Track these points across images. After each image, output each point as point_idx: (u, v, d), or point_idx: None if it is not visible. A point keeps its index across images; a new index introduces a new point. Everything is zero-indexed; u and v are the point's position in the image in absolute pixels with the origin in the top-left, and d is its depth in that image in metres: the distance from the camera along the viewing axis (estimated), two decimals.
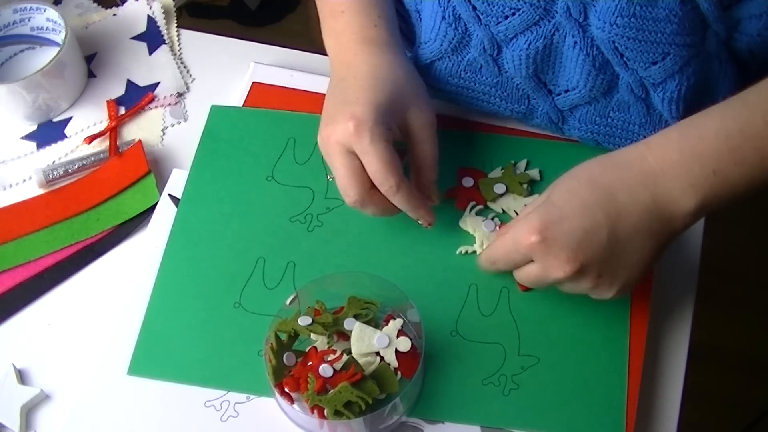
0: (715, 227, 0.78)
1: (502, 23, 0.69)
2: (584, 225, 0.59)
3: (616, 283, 0.61)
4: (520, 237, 0.60)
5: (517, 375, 0.66)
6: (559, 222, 0.59)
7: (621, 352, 0.67)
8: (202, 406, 0.67)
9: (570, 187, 0.60)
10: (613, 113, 0.73)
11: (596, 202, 0.59)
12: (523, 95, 0.75)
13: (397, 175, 0.65)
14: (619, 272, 0.61)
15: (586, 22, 0.67)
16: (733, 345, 1.53)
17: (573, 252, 0.59)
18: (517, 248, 0.61)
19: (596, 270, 0.60)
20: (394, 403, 0.62)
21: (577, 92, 0.72)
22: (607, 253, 0.59)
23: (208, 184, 0.77)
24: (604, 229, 0.59)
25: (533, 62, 0.70)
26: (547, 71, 0.72)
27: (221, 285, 0.72)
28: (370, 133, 0.64)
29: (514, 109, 0.76)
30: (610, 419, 0.64)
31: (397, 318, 0.65)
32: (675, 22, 0.64)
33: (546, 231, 0.59)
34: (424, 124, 0.68)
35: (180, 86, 0.86)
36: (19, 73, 0.85)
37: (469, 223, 0.72)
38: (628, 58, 0.67)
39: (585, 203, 0.59)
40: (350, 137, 0.64)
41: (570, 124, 0.75)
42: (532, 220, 0.59)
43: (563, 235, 0.59)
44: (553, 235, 0.59)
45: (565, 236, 0.59)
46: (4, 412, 0.67)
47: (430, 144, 0.69)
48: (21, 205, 0.78)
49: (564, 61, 0.70)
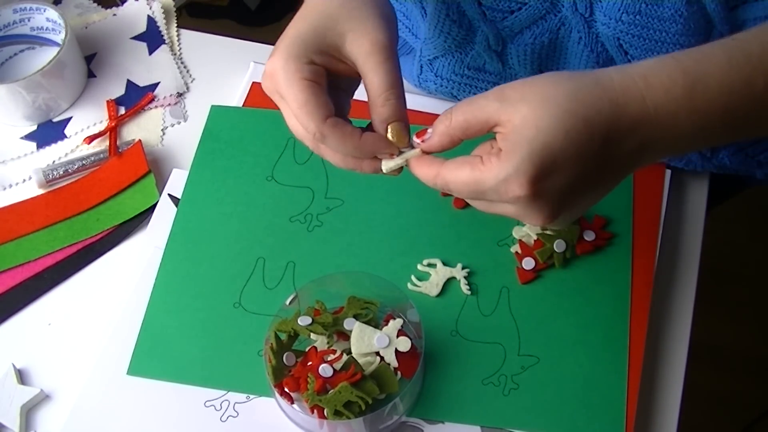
0: (715, 227, 0.78)
1: (508, 18, 0.68)
2: (575, 177, 0.52)
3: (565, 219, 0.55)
4: (507, 186, 0.51)
5: (517, 375, 0.66)
6: (552, 174, 0.51)
7: (621, 352, 0.67)
8: (202, 406, 0.67)
9: (567, 129, 0.51)
10: None
11: (591, 149, 0.51)
12: None
13: (316, 119, 0.54)
14: (576, 211, 0.55)
15: (592, 17, 0.67)
16: (733, 345, 1.53)
17: (557, 205, 0.53)
18: (500, 195, 0.52)
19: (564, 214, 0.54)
20: (394, 403, 0.62)
21: None
22: (581, 200, 0.54)
23: (208, 183, 0.77)
24: (590, 180, 0.53)
25: (538, 57, 0.70)
26: (552, 67, 0.71)
27: (221, 285, 0.72)
28: (283, 74, 0.55)
29: None
30: (610, 419, 0.64)
31: (397, 318, 0.65)
32: (680, 22, 0.64)
33: (538, 184, 0.51)
34: (367, 51, 0.56)
35: (180, 86, 0.86)
36: (19, 73, 0.85)
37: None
38: (632, 56, 0.67)
39: (581, 152, 0.51)
40: (267, 84, 0.58)
41: None
42: (527, 171, 0.51)
43: (553, 189, 0.52)
44: (543, 188, 0.51)
45: (555, 190, 0.52)
46: (4, 412, 0.67)
47: (377, 74, 0.56)
48: (21, 205, 0.78)
49: (568, 57, 0.70)
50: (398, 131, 0.56)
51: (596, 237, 0.71)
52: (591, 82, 0.52)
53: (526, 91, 0.51)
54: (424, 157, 0.55)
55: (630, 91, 0.51)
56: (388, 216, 0.74)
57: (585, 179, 0.52)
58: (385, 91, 0.56)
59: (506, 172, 0.51)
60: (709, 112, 0.52)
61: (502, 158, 0.51)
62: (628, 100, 0.51)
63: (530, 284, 0.70)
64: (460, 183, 0.53)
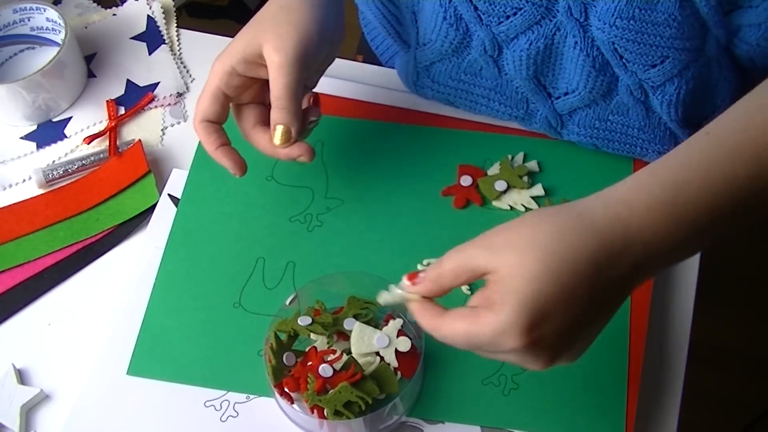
0: None
1: (503, 23, 0.69)
2: (571, 319, 0.51)
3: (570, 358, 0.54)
4: (503, 339, 0.51)
5: (517, 375, 0.66)
6: (545, 321, 0.50)
7: (621, 353, 0.67)
8: (202, 406, 0.67)
9: (555, 273, 0.50)
10: (613, 116, 0.73)
11: (582, 288, 0.51)
12: (522, 98, 0.75)
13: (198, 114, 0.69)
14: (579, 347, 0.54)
15: (587, 22, 0.67)
16: (733, 345, 1.53)
17: (556, 349, 0.52)
18: (497, 347, 0.52)
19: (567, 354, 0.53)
20: (394, 403, 0.62)
21: (577, 95, 0.72)
22: (581, 336, 0.53)
23: (208, 183, 0.77)
24: (587, 317, 0.52)
25: (534, 63, 0.70)
26: (547, 73, 0.72)
27: (221, 285, 0.72)
28: (211, 77, 0.68)
29: (512, 114, 0.76)
30: (610, 419, 0.64)
31: (397, 318, 0.65)
32: (674, 26, 0.64)
33: (532, 333, 0.50)
34: (271, 61, 0.66)
35: (180, 86, 0.86)
36: (19, 73, 0.85)
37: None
38: (628, 60, 0.67)
39: (572, 294, 0.51)
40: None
41: (569, 129, 0.75)
42: (519, 323, 0.50)
43: (550, 334, 0.51)
44: (539, 336, 0.50)
45: (551, 336, 0.51)
46: (4, 412, 0.67)
47: (275, 84, 0.66)
48: (21, 205, 0.78)
49: (564, 62, 0.70)
50: (281, 134, 0.67)
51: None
52: (573, 219, 0.51)
53: (510, 237, 0.51)
54: (425, 305, 0.55)
55: (613, 220, 0.51)
56: (388, 216, 0.74)
57: (581, 318, 0.51)
58: (277, 100, 0.66)
59: (500, 327, 0.50)
60: (696, 218, 0.51)
61: (494, 312, 0.50)
62: (612, 229, 0.51)
63: None
64: (458, 338, 0.53)
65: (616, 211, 0.51)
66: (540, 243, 0.51)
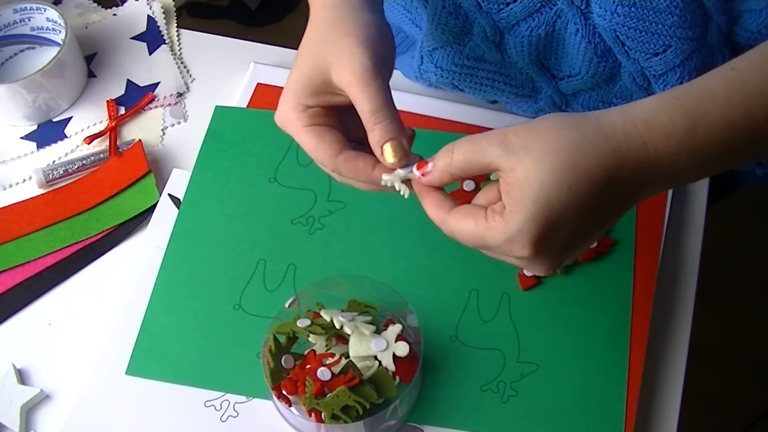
0: (715, 227, 0.78)
1: (503, 10, 0.68)
2: (577, 228, 0.52)
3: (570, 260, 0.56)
4: (511, 246, 0.52)
5: (516, 382, 0.66)
6: (555, 232, 0.51)
7: (621, 361, 0.66)
8: (202, 406, 0.67)
9: (570, 184, 0.51)
10: (616, 100, 0.73)
11: (593, 201, 0.52)
12: (527, 78, 0.75)
13: (327, 158, 0.58)
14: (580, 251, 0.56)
15: (588, 9, 0.66)
16: (733, 345, 1.53)
17: (561, 257, 0.54)
18: (504, 252, 0.53)
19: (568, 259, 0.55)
20: (392, 408, 0.62)
21: (580, 78, 0.72)
22: (584, 242, 0.54)
23: (211, 184, 0.77)
24: (592, 226, 0.53)
25: (535, 48, 0.70)
26: (550, 57, 0.71)
27: (221, 286, 0.72)
28: (288, 125, 0.60)
29: (518, 92, 0.76)
30: (609, 428, 0.64)
31: (397, 323, 0.65)
32: (676, 14, 0.64)
33: (541, 243, 0.51)
34: (349, 81, 0.57)
35: (180, 86, 0.86)
36: (19, 73, 0.85)
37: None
38: (630, 48, 0.67)
39: (583, 206, 0.52)
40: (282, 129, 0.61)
41: (573, 108, 0.76)
42: (530, 231, 0.51)
43: (556, 244, 0.53)
44: (547, 246, 0.52)
45: (558, 245, 0.53)
46: (4, 412, 0.67)
47: (362, 100, 0.56)
48: (21, 205, 0.78)
49: (566, 48, 0.70)
50: (393, 150, 0.56)
51: (598, 244, 0.71)
52: (594, 131, 0.51)
53: (529, 141, 0.51)
54: (434, 195, 0.55)
55: (632, 137, 0.51)
56: (390, 219, 0.74)
57: (587, 227, 0.53)
58: (373, 115, 0.56)
59: (510, 233, 0.51)
60: (710, 150, 0.52)
61: (505, 218, 0.51)
62: (630, 146, 0.51)
63: (531, 291, 0.70)
64: (465, 235, 0.54)
65: (636, 132, 0.51)
66: (558, 152, 0.50)
